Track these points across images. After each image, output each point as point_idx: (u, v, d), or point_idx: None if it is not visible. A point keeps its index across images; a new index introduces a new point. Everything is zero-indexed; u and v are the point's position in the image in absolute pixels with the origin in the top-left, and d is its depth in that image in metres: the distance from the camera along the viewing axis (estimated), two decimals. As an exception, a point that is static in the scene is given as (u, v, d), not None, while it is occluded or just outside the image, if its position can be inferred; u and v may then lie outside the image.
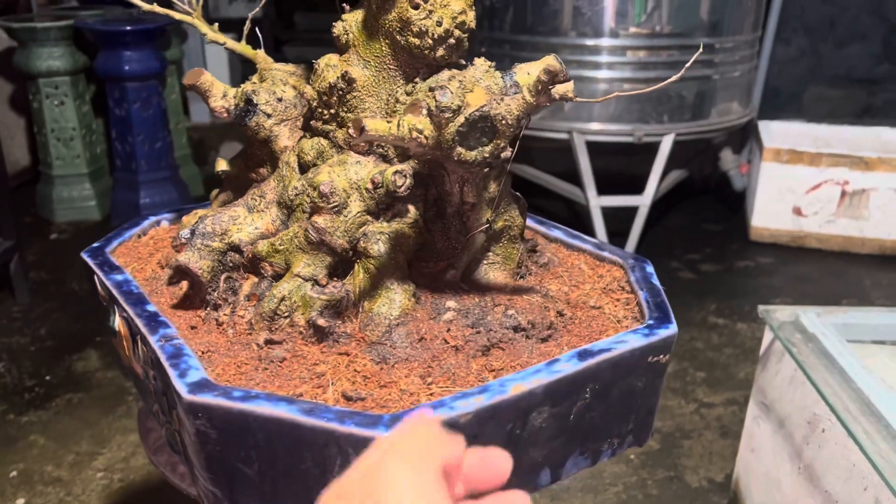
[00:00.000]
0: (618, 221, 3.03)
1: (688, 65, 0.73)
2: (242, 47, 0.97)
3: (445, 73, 0.77)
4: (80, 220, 3.33)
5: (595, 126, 2.90)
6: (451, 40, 0.74)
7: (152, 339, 0.76)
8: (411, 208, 0.80)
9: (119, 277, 0.92)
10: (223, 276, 0.88)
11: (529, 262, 0.90)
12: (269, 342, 0.79)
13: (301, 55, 6.15)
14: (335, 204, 0.80)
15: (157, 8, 0.98)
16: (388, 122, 0.69)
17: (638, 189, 2.99)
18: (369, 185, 0.80)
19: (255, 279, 0.88)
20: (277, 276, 0.86)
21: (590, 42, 2.81)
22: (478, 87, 0.73)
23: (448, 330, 0.77)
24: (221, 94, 0.95)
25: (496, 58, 3.01)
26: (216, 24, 0.99)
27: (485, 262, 0.86)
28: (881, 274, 2.98)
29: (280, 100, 0.93)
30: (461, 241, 0.82)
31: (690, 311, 2.68)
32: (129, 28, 2.97)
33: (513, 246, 0.86)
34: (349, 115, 0.82)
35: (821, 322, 1.48)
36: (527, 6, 2.90)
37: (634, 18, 2.78)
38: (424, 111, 0.70)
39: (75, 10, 3.50)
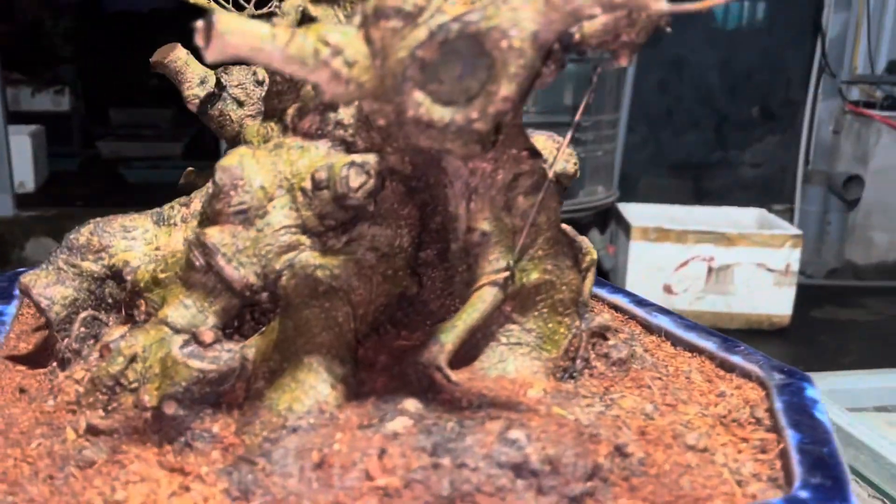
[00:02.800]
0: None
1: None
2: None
3: None
4: None
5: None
6: None
7: None
8: (384, 232, 0.50)
9: None
10: (82, 316, 0.55)
11: (593, 355, 0.56)
12: (91, 430, 0.46)
13: (117, 151, 5.67)
14: (241, 207, 0.48)
15: None
16: (273, 25, 0.37)
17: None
18: (307, 184, 0.49)
19: (128, 326, 0.55)
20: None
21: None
22: None
23: (383, 453, 0.42)
24: (198, 81, 0.64)
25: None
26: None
27: (503, 340, 0.52)
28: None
29: (261, 82, 0.63)
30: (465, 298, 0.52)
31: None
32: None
33: (559, 320, 0.52)
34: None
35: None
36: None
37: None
38: (358, 18, 0.40)
39: None
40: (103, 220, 0.57)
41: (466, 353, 0.51)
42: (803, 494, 0.41)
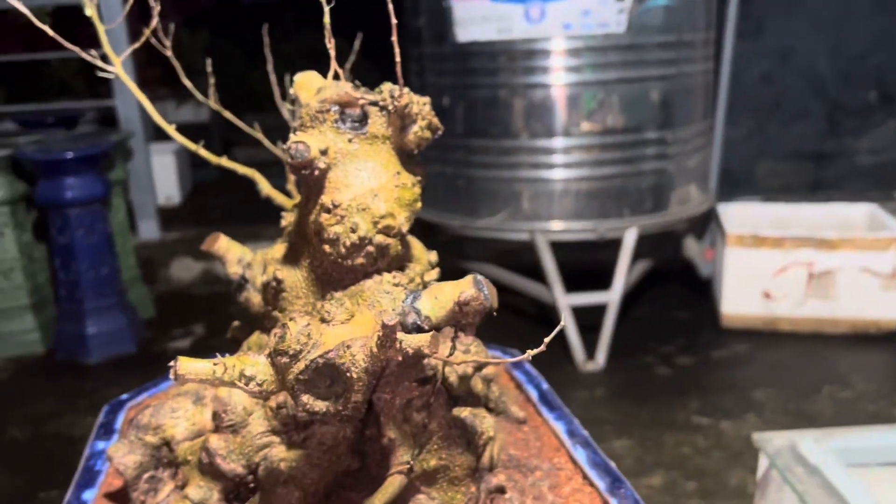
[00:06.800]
0: (588, 315, 2.94)
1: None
2: (283, 198, 0.93)
3: (337, 295, 0.66)
4: (22, 356, 3.14)
5: (556, 225, 2.84)
6: (370, 248, 0.63)
7: None
8: (331, 430, 0.68)
9: (99, 446, 0.89)
10: (146, 475, 0.78)
11: None
12: None
13: (250, 157, 6.14)
14: (231, 422, 0.69)
15: (234, 166, 0.97)
16: (214, 364, 0.58)
17: (605, 280, 2.92)
18: (272, 405, 0.69)
19: (174, 484, 0.77)
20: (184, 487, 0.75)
21: (543, 143, 2.78)
22: (365, 313, 0.63)
23: None
24: (237, 260, 0.88)
25: (451, 164, 2.97)
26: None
27: None
28: (858, 355, 2.91)
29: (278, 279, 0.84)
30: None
31: (673, 412, 2.56)
32: (70, 156, 2.87)
33: (455, 489, 0.70)
34: (279, 314, 0.72)
35: (820, 449, 1.38)
36: (477, 110, 2.87)
37: (586, 116, 2.75)
38: (267, 351, 0.60)
39: (14, 136, 3.40)
40: (159, 403, 0.79)
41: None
42: None
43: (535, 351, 0.48)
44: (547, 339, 0.47)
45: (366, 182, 0.63)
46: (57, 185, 2.92)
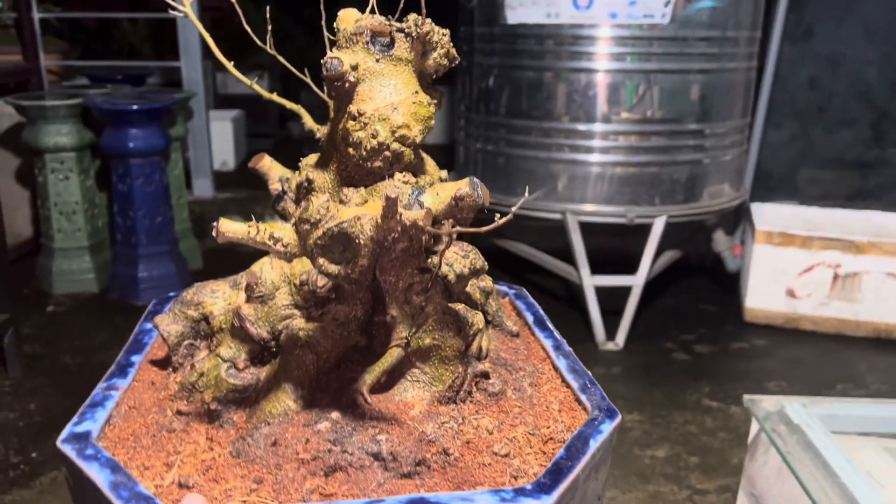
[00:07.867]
0: (613, 300, 3.04)
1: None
2: (311, 122, 1.05)
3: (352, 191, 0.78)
4: (77, 293, 3.36)
5: (588, 207, 2.94)
6: (387, 153, 0.75)
7: (99, 384, 0.85)
8: (344, 309, 0.80)
9: (147, 325, 1.02)
10: (186, 343, 0.92)
11: (475, 389, 0.85)
12: (178, 412, 0.82)
13: (306, 132, 6.33)
14: (260, 294, 0.82)
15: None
16: (249, 226, 0.71)
17: (632, 268, 3.00)
18: (297, 282, 0.81)
19: (208, 351, 0.91)
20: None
21: (582, 127, 2.87)
22: (377, 201, 0.75)
23: (307, 441, 0.75)
24: (278, 178, 1.01)
25: (492, 142, 3.08)
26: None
27: (408, 378, 0.82)
28: (876, 357, 2.95)
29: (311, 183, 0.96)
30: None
31: (685, 394, 2.65)
32: (135, 107, 3.06)
33: (445, 367, 0.81)
34: None
35: (806, 413, 1.47)
36: (521, 91, 2.97)
37: (626, 104, 2.84)
38: (292, 221, 0.72)
39: (85, 89, 3.62)
40: (201, 284, 0.93)
41: (388, 383, 0.81)
42: (530, 487, 0.67)
43: (504, 220, 0.60)
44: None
45: (388, 97, 0.75)
46: (121, 134, 3.12)
